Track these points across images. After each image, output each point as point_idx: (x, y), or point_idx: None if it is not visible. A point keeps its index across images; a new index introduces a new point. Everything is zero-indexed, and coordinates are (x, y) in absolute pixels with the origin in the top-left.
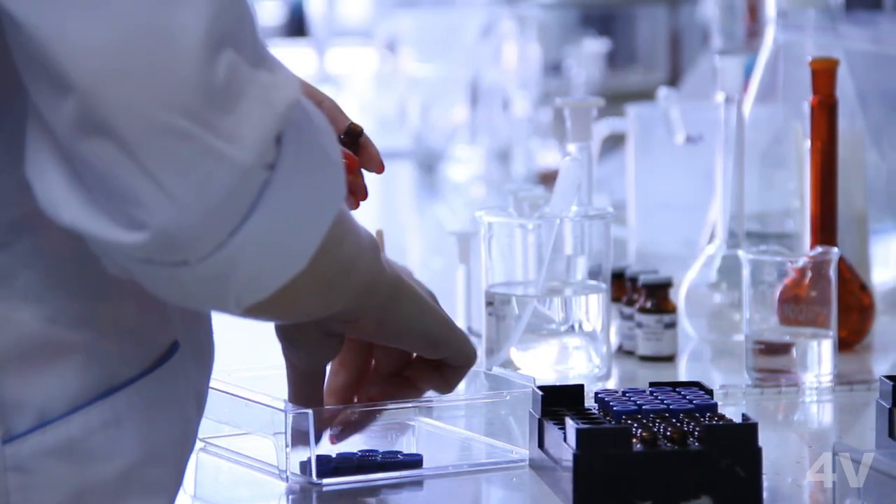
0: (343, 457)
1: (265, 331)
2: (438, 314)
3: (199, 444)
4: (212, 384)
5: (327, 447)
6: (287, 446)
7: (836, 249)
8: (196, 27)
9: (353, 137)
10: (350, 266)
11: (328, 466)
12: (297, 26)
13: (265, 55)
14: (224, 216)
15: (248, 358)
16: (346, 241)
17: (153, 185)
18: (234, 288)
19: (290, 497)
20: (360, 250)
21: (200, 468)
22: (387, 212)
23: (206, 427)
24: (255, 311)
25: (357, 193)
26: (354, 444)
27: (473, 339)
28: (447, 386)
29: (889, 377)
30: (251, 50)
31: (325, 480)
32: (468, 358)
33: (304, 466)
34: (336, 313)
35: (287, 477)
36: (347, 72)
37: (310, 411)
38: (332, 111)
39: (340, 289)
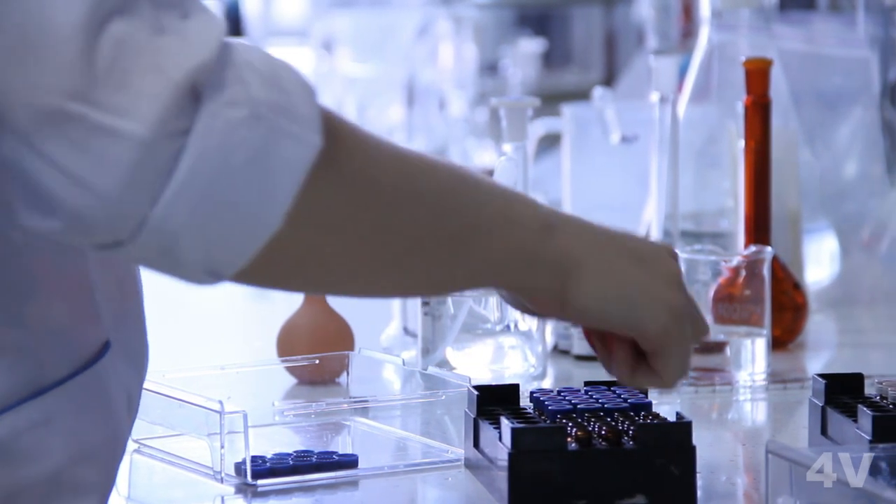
0: (278, 457)
1: (199, 331)
2: (629, 293)
3: (132, 446)
4: (146, 385)
5: (262, 448)
6: (221, 447)
7: (769, 249)
8: (72, 8)
9: None
10: (446, 232)
11: (263, 467)
12: (233, 26)
13: (176, 16)
14: (135, 192)
15: (182, 359)
16: (426, 202)
17: (55, 170)
18: (192, 257)
19: (225, 498)
20: (479, 218)
21: (134, 469)
22: None
23: (139, 428)
24: (263, 277)
25: None
26: (289, 444)
27: (409, 340)
28: (661, 380)
29: (822, 375)
30: (152, 13)
31: (260, 481)
32: (700, 337)
33: (239, 467)
34: (470, 288)
35: (222, 478)
36: None
37: (243, 412)
38: None
39: (422, 259)
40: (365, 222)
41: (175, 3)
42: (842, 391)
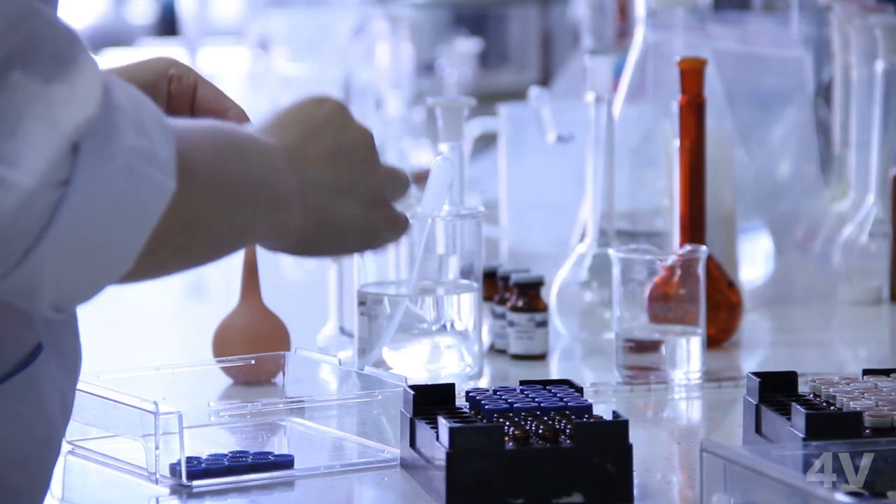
0: (213, 458)
1: (134, 332)
2: (363, 227)
3: (66, 447)
4: (80, 386)
5: (198, 448)
6: (156, 448)
7: (704, 248)
8: None
9: None
10: (233, 230)
11: (198, 468)
12: (168, 25)
13: (66, 67)
14: (12, 239)
15: (116, 359)
16: (225, 210)
17: None
18: (47, 297)
19: (159, 499)
20: (253, 214)
21: (68, 471)
22: None
23: (74, 430)
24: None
25: None
26: (225, 444)
27: (345, 340)
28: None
29: (756, 374)
30: (46, 64)
31: (195, 482)
32: (397, 237)
33: (174, 468)
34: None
35: (156, 479)
36: (219, 71)
37: (178, 412)
38: (237, 120)
39: (221, 251)
40: (206, 233)
41: (64, 51)
42: (776, 389)
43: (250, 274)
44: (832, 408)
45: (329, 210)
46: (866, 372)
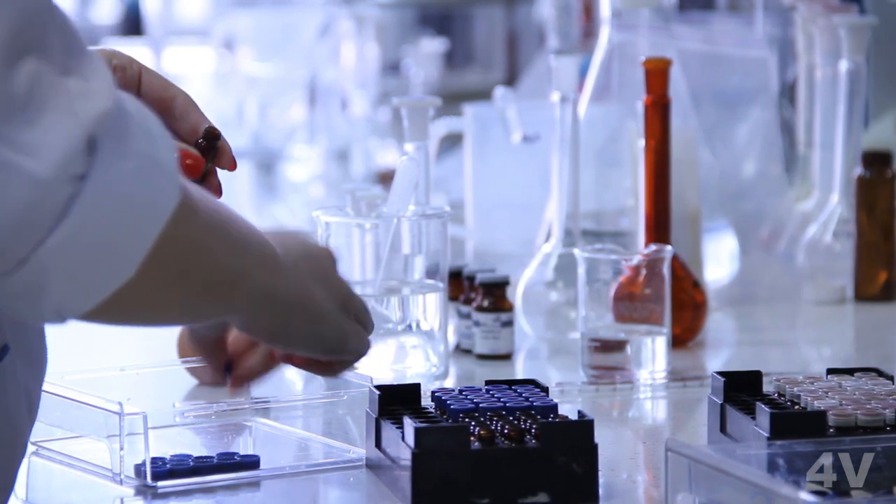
0: (178, 458)
1: (99, 333)
2: (336, 325)
3: (31, 448)
4: (45, 387)
5: (163, 449)
6: (121, 449)
7: (669, 247)
8: None
9: (210, 140)
10: (226, 276)
11: (163, 469)
12: (133, 25)
13: (79, 62)
14: (25, 231)
15: (82, 360)
16: (220, 250)
17: None
18: (51, 299)
19: (124, 500)
20: (245, 263)
21: (33, 472)
22: None
23: (38, 430)
24: (99, 316)
25: (211, 193)
26: (190, 445)
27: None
28: (333, 373)
29: (721, 373)
30: (61, 57)
31: (160, 483)
32: (360, 355)
33: (139, 469)
34: (221, 321)
35: (121, 480)
36: (184, 71)
37: (143, 413)
38: (185, 107)
39: (213, 299)
40: (201, 268)
41: (73, 46)
42: (740, 389)
43: None
44: (796, 407)
45: (308, 293)
46: (830, 371)
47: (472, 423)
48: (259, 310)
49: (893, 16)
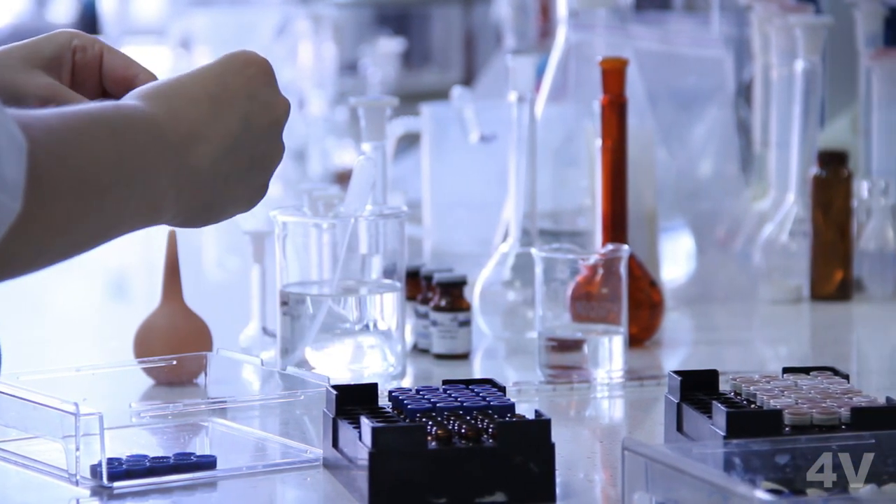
0: (134, 459)
1: (54, 332)
2: (245, 207)
3: None
4: None
5: (119, 450)
6: (77, 449)
7: (626, 247)
8: None
9: None
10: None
11: (119, 469)
12: (89, 24)
13: None
14: None
15: (37, 360)
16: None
17: None
18: None
19: (80, 501)
20: (122, 210)
21: None
22: None
23: None
24: None
25: None
26: (146, 445)
27: (268, 340)
28: None
29: (677, 372)
30: None
31: (116, 483)
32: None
33: (95, 470)
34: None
35: (77, 481)
36: None
37: (99, 414)
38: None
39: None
40: (54, 248)
41: None
42: (697, 388)
43: (172, 274)
44: (752, 406)
45: (213, 197)
46: (786, 370)
47: (430, 423)
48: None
49: (849, 16)
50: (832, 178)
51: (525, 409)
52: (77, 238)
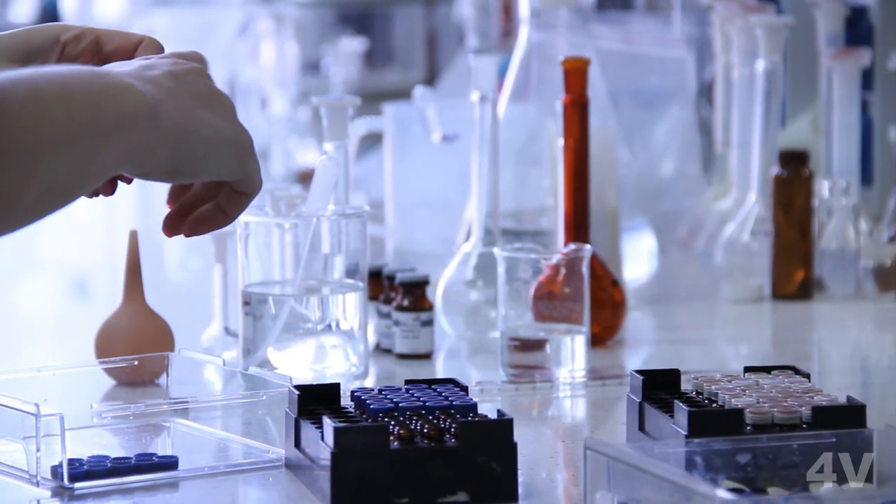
0: (96, 460)
1: (14, 332)
2: (234, 140)
3: None
4: None
5: (80, 450)
6: (37, 450)
7: (588, 246)
8: None
9: None
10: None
11: (80, 470)
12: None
13: None
14: None
15: None
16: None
17: None
18: None
19: (41, 502)
20: (99, 130)
21: None
22: (144, 211)
23: None
24: None
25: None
26: (107, 446)
27: (230, 340)
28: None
29: (639, 372)
30: None
31: (77, 484)
32: (255, 187)
33: (56, 471)
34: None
35: (38, 482)
36: None
37: (60, 414)
38: (148, 47)
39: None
40: (32, 187)
41: None
42: (659, 387)
43: (133, 274)
44: (714, 405)
45: (192, 122)
46: (748, 369)
47: (392, 423)
48: (138, 169)
49: (810, 16)
50: (793, 177)
51: (487, 409)
52: (54, 177)
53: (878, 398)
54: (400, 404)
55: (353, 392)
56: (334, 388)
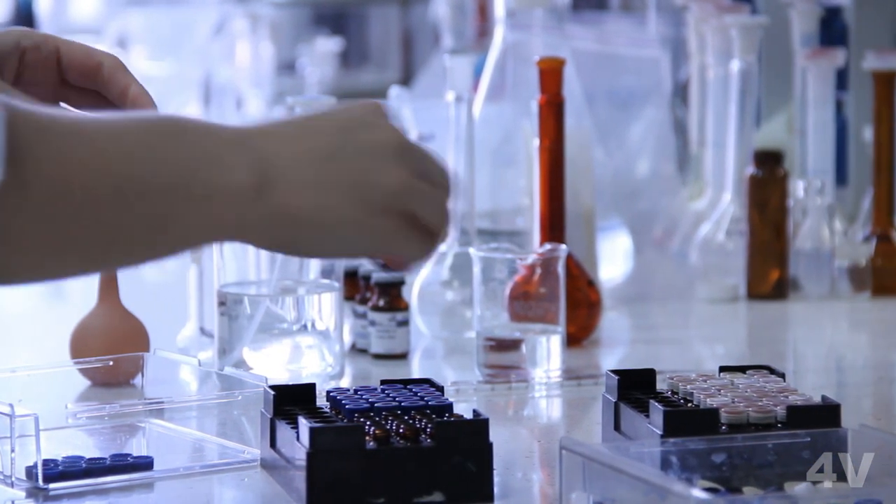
0: (70, 460)
1: None
2: (358, 233)
3: None
4: None
5: (55, 451)
6: (12, 451)
7: (564, 246)
8: None
9: None
10: (155, 222)
11: (55, 470)
12: (25, 23)
13: None
14: None
15: None
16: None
17: None
18: None
19: (15, 502)
20: (178, 195)
21: None
22: None
23: None
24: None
25: None
26: (82, 447)
27: (205, 340)
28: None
29: (615, 371)
30: None
31: (52, 485)
32: (419, 251)
33: (30, 471)
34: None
35: (12, 482)
36: None
37: (34, 415)
38: (112, 71)
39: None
40: (56, 235)
41: None
42: (634, 387)
43: (108, 274)
44: (689, 405)
45: (306, 208)
46: (723, 369)
47: (368, 423)
48: (223, 238)
49: (784, 16)
50: (768, 177)
51: (463, 409)
52: (120, 237)
53: (852, 398)
54: (375, 404)
55: (328, 392)
56: (310, 389)
